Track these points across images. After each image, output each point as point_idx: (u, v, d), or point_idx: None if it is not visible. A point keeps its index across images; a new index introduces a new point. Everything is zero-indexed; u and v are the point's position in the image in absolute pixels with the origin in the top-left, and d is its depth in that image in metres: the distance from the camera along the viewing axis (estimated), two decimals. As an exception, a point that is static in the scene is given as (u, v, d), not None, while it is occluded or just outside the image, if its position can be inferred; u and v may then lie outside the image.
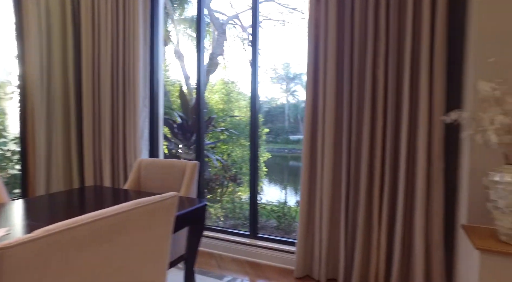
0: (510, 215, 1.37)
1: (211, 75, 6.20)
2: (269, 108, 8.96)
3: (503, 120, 1.38)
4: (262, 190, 6.03)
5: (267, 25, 7.24)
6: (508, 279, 1.36)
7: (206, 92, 6.03)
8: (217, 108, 6.47)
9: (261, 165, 6.54)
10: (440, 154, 1.86)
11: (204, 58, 2.73)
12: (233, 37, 7.08)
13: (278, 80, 8.52)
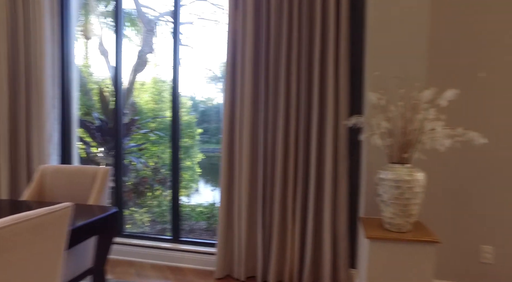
0: (391, 206, 1.58)
1: (139, 73, 5.92)
2: (205, 108, 8.87)
3: (386, 125, 1.59)
4: (196, 191, 5.96)
5: (202, 24, 7.14)
6: (391, 260, 1.58)
7: (135, 91, 5.74)
8: (147, 108, 6.20)
9: (194, 166, 6.44)
10: (345, 155, 2.07)
11: (122, 55, 2.61)
12: (165, 34, 6.84)
13: (214, 80, 8.49)
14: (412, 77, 1.78)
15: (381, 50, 1.85)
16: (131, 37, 5.73)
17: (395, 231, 1.61)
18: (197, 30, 6.60)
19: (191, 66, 6.18)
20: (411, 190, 1.55)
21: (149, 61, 6.21)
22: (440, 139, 1.53)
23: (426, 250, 1.56)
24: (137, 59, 5.73)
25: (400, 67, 1.82)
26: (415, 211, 1.60)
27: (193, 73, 6.25)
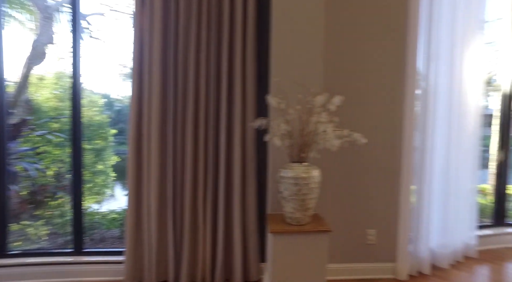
0: (291, 202, 1.73)
1: (36, 66, 5.20)
2: (122, 107, 8.23)
3: (285, 127, 1.73)
4: (112, 197, 5.52)
5: (114, 17, 6.60)
6: (292, 251, 1.72)
7: (31, 87, 5.02)
8: (47, 107, 5.49)
9: (108, 170, 5.97)
10: (252, 155, 2.17)
11: (1, 41, 2.27)
12: (69, 25, 6.15)
13: (130, 77, 7.94)
14: (310, 84, 1.97)
15: (283, 58, 2.00)
16: (24, 22, 4.96)
17: (295, 224, 1.77)
18: (109, 22, 6.07)
19: (103, 61, 5.66)
20: (308, 186, 1.71)
21: (48, 53, 5.51)
22: (331, 140, 1.72)
23: (321, 238, 1.75)
24: (31, 50, 5.03)
25: (299, 74, 1.99)
26: (312, 205, 1.78)
27: (105, 69, 5.74)
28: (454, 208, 2.52)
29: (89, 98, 5.54)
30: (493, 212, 3.02)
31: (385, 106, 2.29)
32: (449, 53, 2.40)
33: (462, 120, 2.50)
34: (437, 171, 2.46)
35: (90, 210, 3.93)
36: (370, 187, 2.32)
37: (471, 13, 2.44)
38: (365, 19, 2.24)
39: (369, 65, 2.26)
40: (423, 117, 2.35)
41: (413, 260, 2.38)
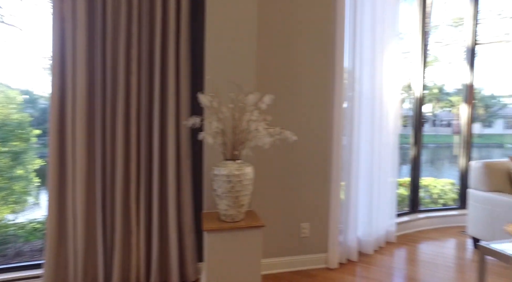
0: (225, 199, 1.74)
1: None
2: (47, 105, 7.47)
3: (217, 125, 1.74)
4: (36, 205, 4.96)
5: (33, 2, 5.95)
6: (227, 248, 1.74)
7: None
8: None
9: (30, 175, 5.36)
10: (187, 154, 2.14)
11: None
12: (-22, 11, 5.38)
13: (50, 72, 7.23)
14: (243, 83, 2.01)
15: (217, 57, 2.01)
16: None
17: (229, 222, 1.78)
18: (26, 7, 5.43)
19: (21, 52, 5.08)
20: (241, 184, 1.74)
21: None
22: (262, 138, 1.77)
23: (255, 234, 1.79)
24: None
25: (233, 73, 2.02)
26: (246, 201, 1.81)
27: (25, 62, 5.16)
28: (377, 200, 2.78)
29: (4, 93, 4.92)
30: (409, 201, 3.40)
31: (315, 106, 2.43)
32: (371, 61, 2.64)
33: (384, 121, 2.77)
34: (363, 167, 2.69)
35: (3, 221, 3.48)
36: (303, 183, 2.44)
37: (387, 25, 2.72)
38: (296, 22, 2.36)
39: (300, 66, 2.38)
40: (350, 118, 2.55)
41: (342, 249, 2.56)
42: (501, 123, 12.88)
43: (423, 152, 3.39)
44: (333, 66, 2.43)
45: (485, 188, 2.70)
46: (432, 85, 10.80)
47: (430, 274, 2.42)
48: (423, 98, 3.32)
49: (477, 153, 11.68)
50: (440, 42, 8.84)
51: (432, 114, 12.81)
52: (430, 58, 8.74)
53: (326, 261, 2.51)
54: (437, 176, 6.41)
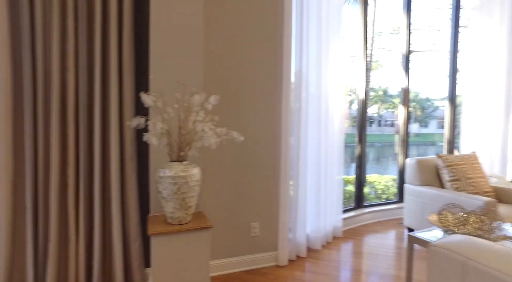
0: (171, 202, 1.70)
1: None
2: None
3: (162, 126, 1.69)
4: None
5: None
6: (173, 252, 1.69)
7: None
8: None
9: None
10: (132, 156, 2.05)
11: None
12: None
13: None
14: (189, 82, 1.98)
15: (162, 55, 1.95)
16: None
17: (176, 224, 1.74)
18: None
19: None
20: (187, 185, 1.71)
21: None
22: (209, 138, 1.76)
23: (203, 236, 1.77)
24: None
25: (179, 73, 1.98)
26: (193, 203, 1.78)
27: None
28: (324, 197, 2.90)
29: None
30: (355, 197, 3.60)
31: (264, 106, 2.48)
32: (317, 64, 2.75)
33: (330, 121, 2.90)
34: (310, 166, 2.79)
35: None
36: (253, 183, 2.47)
37: (332, 30, 2.86)
38: (244, 24, 2.38)
39: (248, 67, 2.41)
40: (297, 118, 2.63)
41: (292, 246, 2.64)
42: (435, 123, 14.24)
43: (370, 151, 3.62)
44: (280, 68, 2.49)
45: (417, 182, 2.95)
46: (378, 88, 11.58)
47: (373, 264, 2.59)
48: (366, 100, 3.53)
49: (416, 150, 12.76)
50: (383, 48, 9.52)
51: (377, 114, 13.72)
52: (374, 63, 9.39)
53: (276, 259, 2.56)
54: (382, 172, 6.88)
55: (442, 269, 0.94)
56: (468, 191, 2.74)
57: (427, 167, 2.97)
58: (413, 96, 13.14)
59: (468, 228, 1.57)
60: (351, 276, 2.41)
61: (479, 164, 2.95)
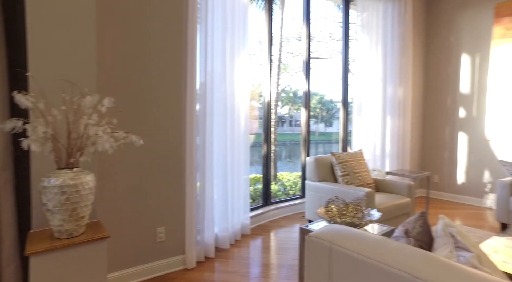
0: (58, 213, 1.54)
1: None
2: None
3: (45, 130, 1.52)
4: None
5: None
6: (61, 270, 1.53)
7: None
8: None
9: None
10: (5, 164, 1.78)
11: None
12: None
13: None
14: (80, 82, 1.81)
15: (45, 50, 1.74)
16: None
17: (66, 238, 1.58)
18: None
19: None
20: (78, 194, 1.57)
21: None
22: (104, 143, 1.64)
23: (98, 247, 1.64)
24: None
25: (67, 71, 1.79)
26: (86, 213, 1.64)
27: None
28: (232, 197, 2.99)
29: None
30: (262, 195, 3.80)
31: (167, 108, 2.43)
32: (223, 65, 2.82)
33: (236, 122, 3.00)
34: (217, 167, 2.85)
35: None
36: (158, 187, 2.40)
37: (238, 32, 2.96)
38: (146, 17, 2.29)
39: (151, 67, 2.33)
40: (203, 120, 2.65)
41: (200, 248, 2.65)
42: (337, 123, 16.00)
43: (282, 149, 3.84)
44: (185, 68, 2.47)
45: (315, 178, 3.28)
46: (289, 90, 12.41)
47: (280, 257, 2.78)
48: (271, 102, 3.76)
49: (322, 148, 14.10)
50: (291, 52, 10.24)
51: (289, 115, 14.71)
52: (284, 66, 10.03)
53: (184, 262, 2.54)
54: (292, 170, 7.41)
55: (315, 255, 1.08)
56: (355, 184, 3.17)
57: (324, 164, 3.32)
58: (319, 99, 14.47)
59: (347, 216, 1.83)
60: (260, 270, 2.54)
61: (364, 160, 3.43)
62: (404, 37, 4.40)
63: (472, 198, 4.53)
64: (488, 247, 2.08)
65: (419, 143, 5.11)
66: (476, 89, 4.49)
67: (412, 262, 0.83)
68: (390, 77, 4.35)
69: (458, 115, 4.69)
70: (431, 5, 4.96)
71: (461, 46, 4.63)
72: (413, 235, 1.26)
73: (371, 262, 0.90)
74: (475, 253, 1.03)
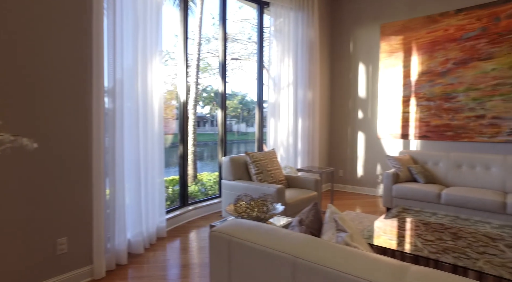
0: None
1: None
2: None
3: None
4: None
5: None
6: None
7: None
8: None
9: None
10: None
11: None
12: None
13: None
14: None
15: None
16: None
17: None
18: None
19: None
20: None
21: None
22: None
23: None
24: None
25: None
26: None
27: None
28: (146, 201, 2.89)
29: None
30: (179, 196, 3.76)
31: (69, 106, 2.22)
32: (134, 63, 2.70)
33: (149, 122, 2.90)
34: (130, 170, 2.72)
35: None
36: (59, 194, 2.18)
37: (151, 31, 2.87)
38: (42, 7, 2.06)
39: (50, 64, 2.10)
40: (112, 119, 2.50)
41: (110, 256, 2.49)
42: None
43: (204, 149, 3.82)
44: (90, 65, 2.30)
45: (231, 177, 3.39)
46: (210, 90, 12.38)
47: (197, 256, 2.79)
48: (187, 101, 3.73)
49: (244, 147, 14.48)
50: (211, 52, 10.25)
51: (210, 115, 14.69)
52: (204, 66, 9.99)
53: (91, 273, 2.36)
54: (213, 170, 7.44)
55: (216, 248, 1.15)
56: (268, 181, 3.37)
57: (239, 164, 3.44)
58: (240, 99, 14.81)
59: (255, 211, 1.96)
60: (177, 272, 2.51)
61: (277, 158, 3.67)
62: (313, 45, 4.83)
63: (369, 188, 5.23)
64: (378, 229, 2.46)
65: (327, 142, 5.67)
66: (370, 94, 5.19)
67: (295, 245, 0.96)
68: (301, 81, 4.73)
69: (357, 116, 5.35)
70: (335, 18, 5.55)
71: (358, 57, 5.30)
72: (306, 223, 1.42)
73: (263, 248, 1.01)
74: (349, 233, 1.23)
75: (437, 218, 2.79)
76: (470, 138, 4.30)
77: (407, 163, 4.15)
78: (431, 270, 0.80)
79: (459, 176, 3.97)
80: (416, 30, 4.67)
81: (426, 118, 4.65)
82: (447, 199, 3.55)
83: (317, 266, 0.88)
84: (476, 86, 4.23)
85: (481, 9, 4.18)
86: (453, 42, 4.38)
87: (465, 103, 4.32)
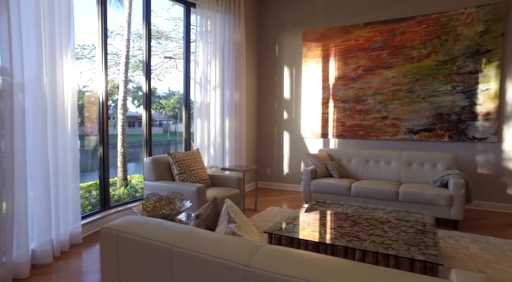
0: None
1: None
2: None
3: None
4: None
5: None
6: None
7: None
8: None
9: None
10: None
11: None
12: None
13: None
14: None
15: None
16: None
17: None
18: None
19: None
20: None
21: None
22: None
23: None
24: None
25: None
26: None
27: None
28: (57, 208, 2.72)
29: None
30: (100, 200, 3.59)
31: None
32: (38, 59, 2.51)
33: (60, 124, 2.73)
34: (35, 177, 2.53)
35: None
36: None
37: (60, 22, 2.70)
38: None
39: None
40: (9, 120, 2.30)
41: (6, 270, 2.28)
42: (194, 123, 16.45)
43: (137, 151, 3.66)
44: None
45: (153, 178, 3.35)
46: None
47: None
48: (106, 101, 3.58)
49: (181, 148, 14.26)
50: (142, 50, 9.86)
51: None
52: (136, 64, 9.57)
53: (-14, 289, 2.16)
54: (146, 172, 7.17)
55: (106, 244, 1.18)
56: (191, 180, 3.41)
57: (161, 164, 3.42)
58: (177, 98, 14.49)
59: (164, 209, 2.00)
60: (91, 279, 2.41)
61: (201, 158, 3.72)
62: (240, 48, 4.98)
63: (294, 185, 5.57)
64: (303, 222, 2.68)
65: (254, 141, 5.89)
66: (294, 96, 5.54)
67: (172, 235, 1.05)
68: (228, 82, 4.85)
69: (283, 117, 5.67)
70: (261, 23, 5.79)
71: (283, 60, 5.61)
72: (203, 217, 1.52)
73: (144, 240, 1.08)
74: (238, 224, 1.36)
75: (344, 208, 3.13)
76: (377, 136, 4.87)
77: (324, 160, 4.53)
78: (281, 247, 0.95)
79: (367, 170, 4.47)
80: (333, 38, 5.12)
81: (342, 119, 5.13)
82: (356, 191, 3.98)
83: (190, 252, 0.97)
84: (381, 90, 4.80)
85: (382, 25, 4.77)
86: (363, 51, 4.91)
87: (373, 105, 4.88)
